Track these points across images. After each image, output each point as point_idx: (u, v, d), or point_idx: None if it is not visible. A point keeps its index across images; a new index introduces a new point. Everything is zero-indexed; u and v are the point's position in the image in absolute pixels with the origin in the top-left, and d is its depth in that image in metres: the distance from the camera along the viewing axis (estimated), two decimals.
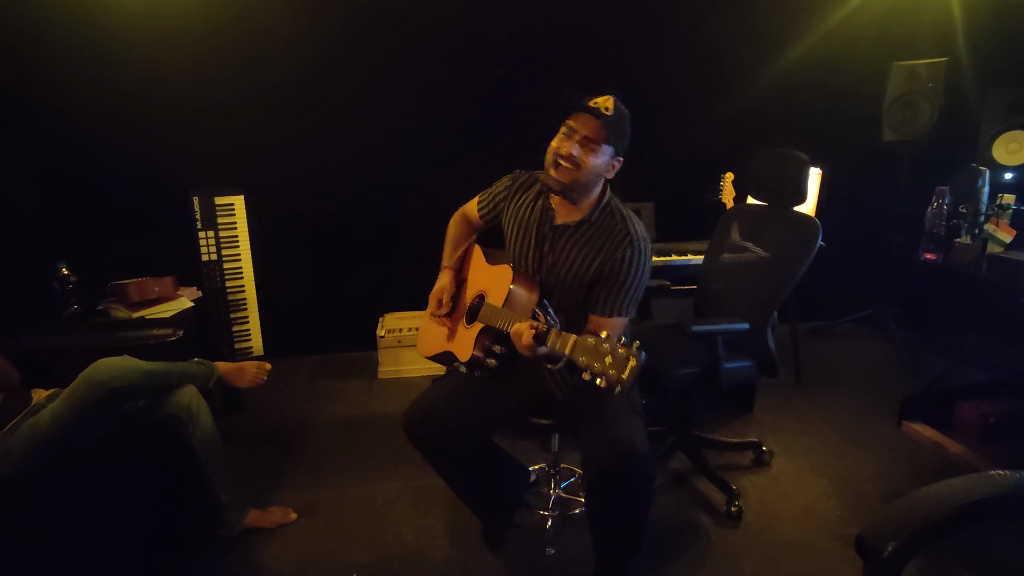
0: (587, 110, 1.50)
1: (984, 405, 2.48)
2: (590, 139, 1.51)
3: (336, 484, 2.30)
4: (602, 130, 1.50)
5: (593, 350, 1.25)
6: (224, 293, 2.98)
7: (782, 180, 2.15)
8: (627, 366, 1.19)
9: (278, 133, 3.18)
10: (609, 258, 1.58)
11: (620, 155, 1.58)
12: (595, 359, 1.24)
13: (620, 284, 1.58)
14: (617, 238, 1.59)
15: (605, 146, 1.53)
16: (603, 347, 1.23)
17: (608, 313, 1.59)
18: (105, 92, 2.92)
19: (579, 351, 1.27)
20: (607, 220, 1.62)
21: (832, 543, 1.96)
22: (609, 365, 1.21)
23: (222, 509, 1.94)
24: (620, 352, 1.21)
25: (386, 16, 3.10)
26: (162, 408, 1.83)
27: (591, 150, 1.52)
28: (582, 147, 1.52)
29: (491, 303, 1.62)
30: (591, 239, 1.62)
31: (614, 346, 1.22)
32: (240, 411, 2.82)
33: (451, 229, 1.93)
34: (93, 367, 1.68)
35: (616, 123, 1.52)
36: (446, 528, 2.05)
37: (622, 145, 1.57)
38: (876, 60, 3.35)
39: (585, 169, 1.53)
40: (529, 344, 1.38)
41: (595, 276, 1.61)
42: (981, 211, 2.41)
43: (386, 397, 3.04)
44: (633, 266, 1.57)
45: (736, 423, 2.71)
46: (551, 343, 1.35)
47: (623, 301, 1.59)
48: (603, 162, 1.55)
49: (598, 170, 1.56)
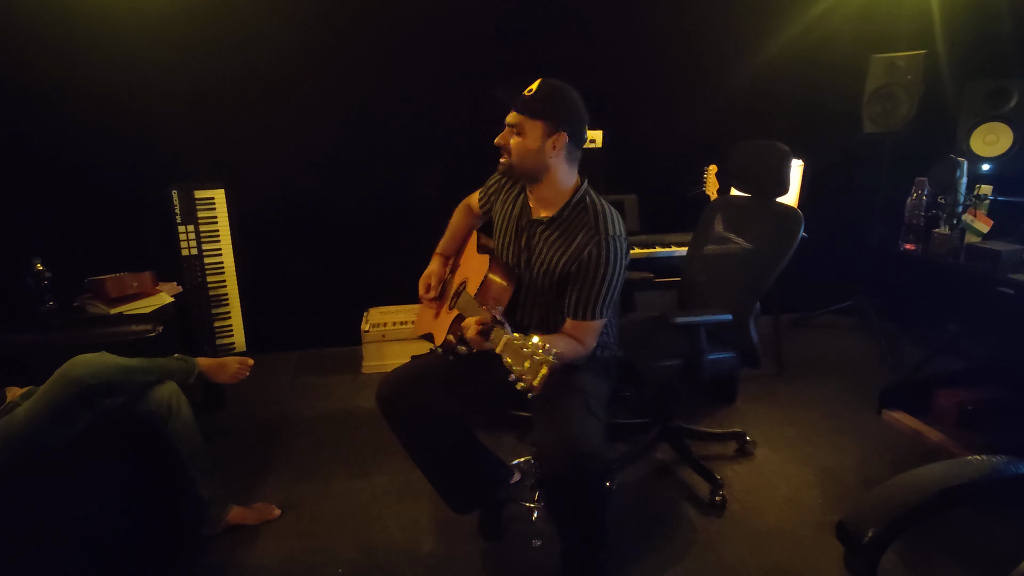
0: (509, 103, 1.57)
1: (961, 393, 2.52)
2: (512, 125, 1.56)
3: (320, 479, 2.28)
4: (517, 113, 1.54)
5: (517, 352, 1.23)
6: (205, 288, 2.93)
7: (764, 171, 2.16)
8: (539, 373, 1.17)
9: (259, 125, 3.13)
10: (576, 257, 1.55)
11: (560, 129, 1.53)
12: (517, 362, 1.22)
13: (589, 284, 1.53)
14: (586, 236, 1.55)
15: (531, 123, 1.53)
16: (524, 351, 1.22)
17: (580, 315, 1.55)
18: (80, 82, 2.85)
19: (508, 351, 1.26)
20: (579, 216, 1.59)
21: (814, 531, 1.98)
22: (527, 369, 1.19)
23: (204, 506, 1.92)
24: (537, 357, 1.19)
25: (370, 6, 3.07)
26: (141, 405, 1.80)
27: (516, 134, 1.56)
28: (509, 134, 1.57)
29: (468, 291, 1.63)
30: (560, 236, 1.60)
31: (534, 350, 1.20)
32: (223, 407, 2.79)
33: (453, 217, 1.97)
34: (69, 364, 1.65)
35: (541, 98, 1.54)
36: (432, 522, 2.05)
37: (559, 119, 1.53)
38: (856, 52, 3.38)
39: (515, 152, 1.56)
40: (473, 338, 1.38)
41: (563, 275, 1.58)
42: (959, 202, 2.44)
43: (370, 392, 2.98)
44: (602, 266, 1.52)
45: (719, 414, 2.73)
46: (493, 337, 1.34)
47: (594, 303, 1.54)
48: (534, 141, 1.54)
49: (531, 148, 1.54)
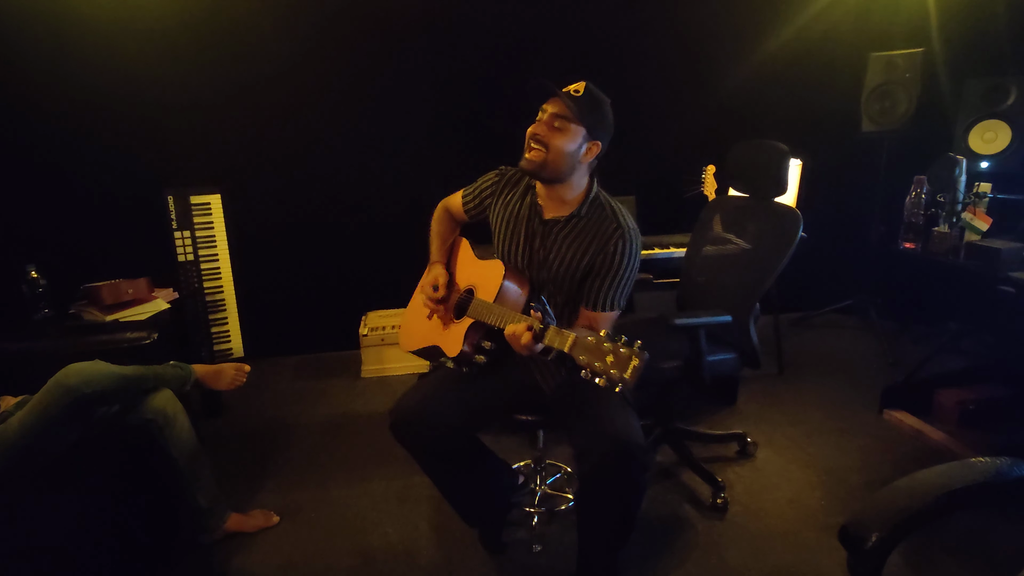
0: (557, 94, 1.52)
1: (962, 392, 2.51)
2: (558, 116, 1.52)
3: (319, 485, 2.27)
4: (568, 109, 1.50)
5: (594, 348, 1.23)
6: (202, 294, 2.93)
7: (762, 171, 2.15)
8: (629, 365, 1.18)
9: (255, 129, 3.12)
10: (600, 250, 1.58)
11: (596, 139, 1.56)
12: (596, 358, 1.22)
13: (612, 277, 1.58)
14: (608, 230, 1.58)
15: (575, 126, 1.52)
16: (604, 346, 1.22)
17: (601, 307, 1.59)
18: (74, 87, 2.85)
19: (579, 349, 1.26)
20: (597, 212, 1.62)
21: (817, 533, 1.97)
22: (611, 364, 1.20)
23: (202, 515, 1.90)
24: (622, 351, 1.20)
25: (366, 11, 3.06)
26: (137, 413, 1.79)
27: (558, 129, 1.52)
28: (549, 127, 1.53)
29: (481, 298, 1.60)
30: (582, 232, 1.61)
31: (615, 345, 1.21)
32: (220, 414, 2.78)
33: (435, 223, 1.91)
34: (63, 372, 1.63)
35: (587, 104, 1.52)
36: (432, 528, 2.03)
37: (598, 129, 1.55)
38: (854, 51, 3.37)
39: (554, 150, 1.52)
40: (528, 344, 1.36)
41: (587, 269, 1.60)
42: (959, 200, 2.43)
43: (369, 396, 3.00)
44: (625, 258, 1.57)
45: (720, 415, 2.72)
46: (549, 341, 1.33)
47: (615, 294, 1.59)
48: (574, 144, 1.53)
49: (569, 151, 1.54)
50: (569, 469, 2.30)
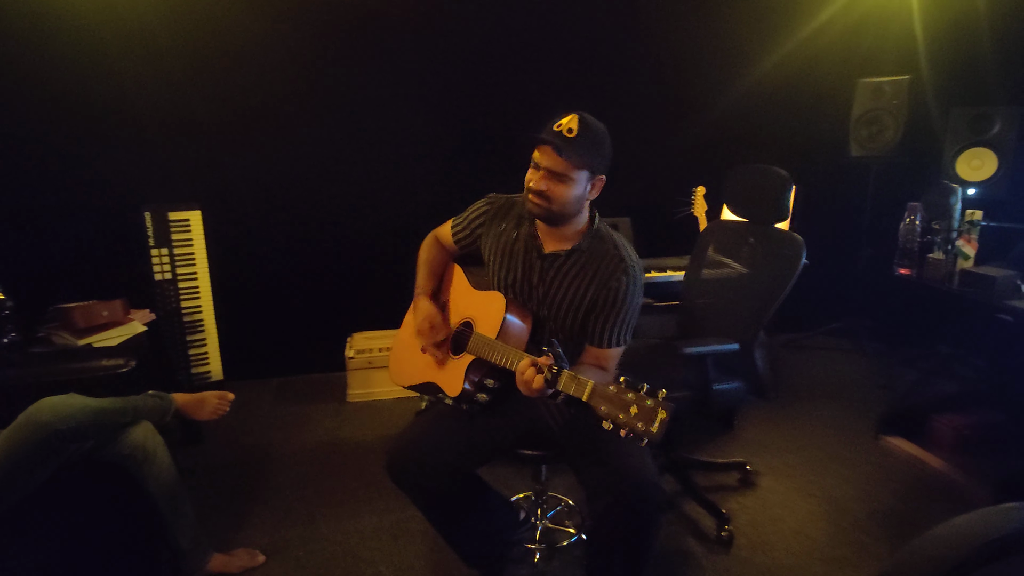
0: (545, 142, 1.42)
1: (958, 418, 2.51)
2: (555, 172, 1.44)
3: (306, 521, 2.15)
4: (564, 161, 1.42)
5: (616, 399, 1.16)
6: (180, 315, 2.78)
7: (763, 197, 2.12)
8: (656, 419, 1.11)
9: (237, 144, 3.00)
10: (603, 286, 1.52)
11: (600, 174, 1.50)
12: (619, 409, 1.15)
13: (616, 312, 1.52)
14: (611, 265, 1.53)
15: (577, 172, 1.45)
16: (627, 396, 1.15)
17: (607, 343, 1.54)
18: (46, 96, 2.70)
19: (599, 399, 1.19)
20: (599, 246, 1.56)
21: (824, 567, 1.92)
22: (635, 416, 1.13)
23: (182, 556, 1.78)
24: (648, 403, 1.13)
25: (352, 26, 2.98)
26: (114, 448, 1.66)
27: (559, 182, 1.45)
28: (549, 181, 1.45)
29: (481, 333, 1.52)
30: (584, 267, 1.55)
31: (638, 395, 1.14)
32: (199, 442, 2.63)
33: (424, 252, 1.81)
34: (35, 407, 1.50)
35: (584, 144, 1.43)
36: (429, 567, 1.93)
37: (600, 163, 1.48)
38: (842, 77, 3.42)
39: (558, 201, 1.46)
40: (539, 388, 1.28)
41: (590, 306, 1.54)
42: (954, 227, 2.44)
43: (357, 422, 2.89)
44: (628, 293, 1.52)
45: (718, 440, 2.67)
46: (563, 387, 1.26)
47: (620, 330, 1.54)
48: (578, 190, 1.47)
49: (575, 197, 1.47)
50: (571, 502, 2.22)
